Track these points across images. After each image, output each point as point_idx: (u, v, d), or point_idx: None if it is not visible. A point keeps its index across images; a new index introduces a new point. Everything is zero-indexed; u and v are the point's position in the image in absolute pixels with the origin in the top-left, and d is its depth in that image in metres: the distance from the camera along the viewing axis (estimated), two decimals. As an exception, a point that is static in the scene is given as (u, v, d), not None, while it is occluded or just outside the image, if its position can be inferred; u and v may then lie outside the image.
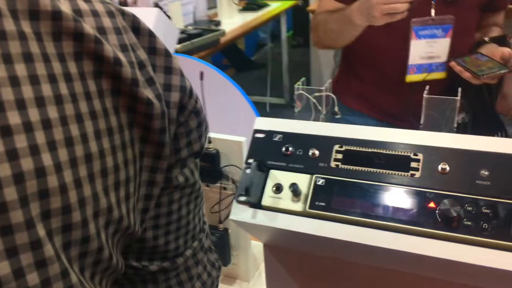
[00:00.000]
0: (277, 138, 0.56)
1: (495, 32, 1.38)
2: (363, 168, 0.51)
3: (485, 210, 0.45)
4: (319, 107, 1.10)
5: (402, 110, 1.32)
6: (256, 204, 0.53)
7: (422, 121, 0.99)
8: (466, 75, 1.16)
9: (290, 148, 0.54)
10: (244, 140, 0.81)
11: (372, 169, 0.50)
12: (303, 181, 0.52)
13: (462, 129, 1.06)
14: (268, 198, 0.53)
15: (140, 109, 0.36)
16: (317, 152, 0.53)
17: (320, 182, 0.52)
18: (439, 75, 1.26)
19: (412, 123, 1.15)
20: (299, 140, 0.54)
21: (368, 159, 0.51)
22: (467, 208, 0.45)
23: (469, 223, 0.45)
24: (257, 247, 0.98)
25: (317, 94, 1.09)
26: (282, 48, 3.80)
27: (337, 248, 0.53)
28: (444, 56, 1.26)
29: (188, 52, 2.13)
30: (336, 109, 1.12)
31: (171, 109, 0.39)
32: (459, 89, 1.00)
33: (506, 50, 1.20)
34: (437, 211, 0.46)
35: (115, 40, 0.35)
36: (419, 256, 0.46)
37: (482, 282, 0.51)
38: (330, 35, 1.30)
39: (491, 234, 0.44)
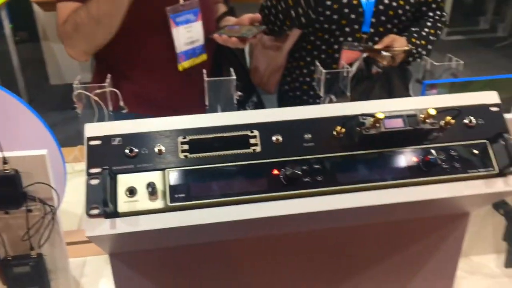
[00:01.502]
0: (116, 142, 0.54)
1: (222, 8, 1.57)
2: (210, 153, 0.54)
3: (316, 166, 0.55)
4: (103, 105, 1.06)
5: (184, 100, 1.37)
6: (112, 213, 0.51)
7: (207, 103, 1.07)
8: (233, 40, 1.29)
9: (134, 149, 0.53)
10: (46, 153, 0.73)
11: (218, 152, 0.54)
12: (157, 178, 0.53)
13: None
14: (123, 204, 0.52)
15: None
16: (163, 148, 0.54)
17: (174, 175, 0.53)
18: (202, 58, 1.37)
19: (198, 109, 1.22)
20: (140, 140, 0.54)
21: (212, 145, 0.55)
22: (303, 167, 0.54)
23: (307, 179, 0.54)
24: (73, 262, 0.91)
25: (98, 91, 1.04)
26: (9, 45, 3.37)
27: (202, 232, 0.56)
28: (201, 38, 1.37)
29: None
30: (121, 103, 1.10)
31: None
32: (231, 69, 1.12)
33: (249, 15, 1.39)
34: (281, 176, 0.54)
35: None
36: (275, 218, 0.54)
37: (328, 224, 0.62)
38: (95, 35, 1.22)
39: (324, 183, 0.54)
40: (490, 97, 0.61)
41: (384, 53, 1.37)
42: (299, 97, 1.62)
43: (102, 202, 0.50)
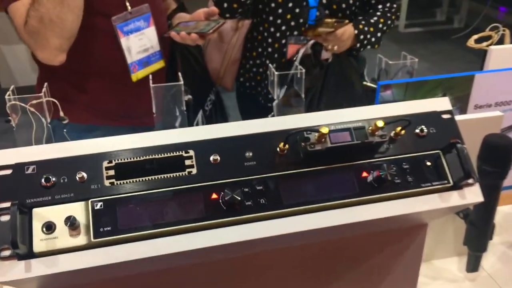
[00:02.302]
0: (30, 170, 0.47)
1: (173, 4, 1.50)
2: (140, 179, 0.49)
3: (259, 187, 0.50)
4: (41, 117, 0.98)
5: (134, 109, 1.30)
6: (27, 254, 0.45)
7: (154, 110, 1.00)
8: (192, 37, 1.21)
9: (51, 178, 0.47)
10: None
11: (149, 177, 0.49)
12: (78, 210, 0.46)
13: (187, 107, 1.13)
14: (40, 242, 0.45)
15: None
16: (85, 175, 0.47)
17: (98, 206, 0.47)
18: (159, 64, 1.29)
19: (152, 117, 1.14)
20: (58, 167, 0.48)
21: (142, 168, 0.49)
22: (244, 190, 0.49)
23: (249, 203, 0.49)
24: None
25: (35, 102, 0.96)
26: None
27: (136, 266, 0.50)
28: (156, 45, 1.29)
29: None
30: (61, 114, 1.02)
31: None
32: (179, 74, 1.05)
33: (204, 9, 1.32)
34: (220, 201, 0.49)
35: None
36: (216, 248, 0.48)
37: (277, 245, 0.57)
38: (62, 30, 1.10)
39: (268, 207, 0.50)
40: (442, 104, 0.57)
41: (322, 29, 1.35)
42: (254, 88, 1.60)
43: (12, 242, 0.43)
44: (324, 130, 0.48)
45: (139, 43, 1.23)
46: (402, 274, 0.70)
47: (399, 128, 0.53)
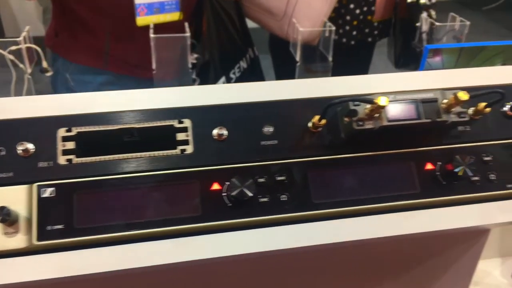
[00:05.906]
0: (-49, 135, 0.33)
1: None
2: (110, 157, 0.34)
3: (279, 178, 0.35)
4: (20, 65, 0.83)
5: (142, 57, 1.14)
6: None
7: (154, 66, 0.85)
8: None
9: (-19, 149, 0.32)
10: None
11: (125, 156, 0.34)
12: (18, 198, 0.32)
13: (198, 69, 0.96)
14: (-41, 241, 0.31)
15: None
16: (31, 146, 0.33)
17: (48, 193, 0.32)
18: (172, 16, 1.11)
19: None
20: (-6, 133, 0.33)
21: (116, 142, 0.34)
22: (259, 180, 0.35)
23: (264, 199, 0.35)
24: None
25: (14, 48, 0.81)
26: (-46, -8, 3.01)
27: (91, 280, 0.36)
28: None
29: None
30: (44, 64, 0.87)
31: None
32: (186, 24, 0.89)
33: None
34: (224, 194, 0.34)
35: None
36: (207, 261, 0.34)
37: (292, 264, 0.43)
38: None
39: (292, 206, 0.35)
40: (539, 73, 0.41)
41: None
42: None
43: None
44: (382, 101, 0.33)
45: None
46: (454, 282, 0.56)
47: (482, 105, 0.37)
